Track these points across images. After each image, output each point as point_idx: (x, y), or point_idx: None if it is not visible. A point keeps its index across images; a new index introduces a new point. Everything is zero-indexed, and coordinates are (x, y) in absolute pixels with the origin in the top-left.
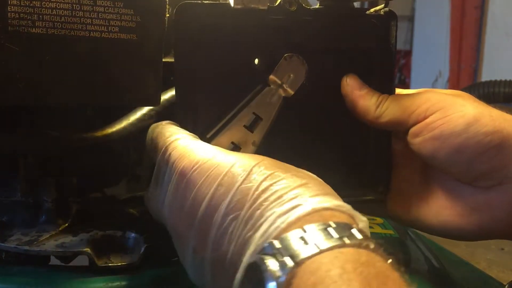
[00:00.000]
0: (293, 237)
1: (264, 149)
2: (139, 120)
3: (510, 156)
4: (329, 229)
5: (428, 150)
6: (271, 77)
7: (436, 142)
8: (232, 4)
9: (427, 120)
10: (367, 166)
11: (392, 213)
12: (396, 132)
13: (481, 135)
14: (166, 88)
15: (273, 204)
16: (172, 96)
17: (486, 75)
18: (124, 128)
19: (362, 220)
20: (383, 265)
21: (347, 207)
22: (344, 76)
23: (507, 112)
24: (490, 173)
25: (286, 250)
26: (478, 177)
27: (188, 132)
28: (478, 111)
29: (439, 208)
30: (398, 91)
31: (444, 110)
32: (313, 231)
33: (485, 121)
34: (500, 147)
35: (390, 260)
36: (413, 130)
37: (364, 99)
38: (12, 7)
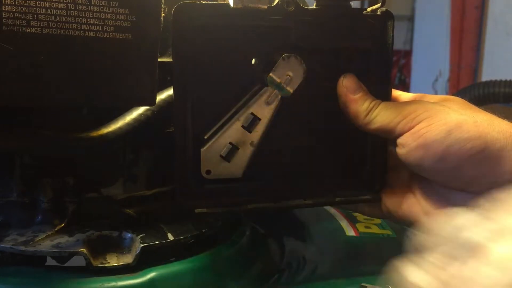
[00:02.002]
0: None
1: (262, 149)
2: (135, 120)
3: (495, 161)
4: None
5: (414, 160)
6: (269, 77)
7: (420, 151)
8: (231, 4)
9: (412, 130)
10: (364, 166)
11: (385, 209)
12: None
13: (462, 142)
14: (162, 88)
15: None
16: (169, 96)
17: (486, 75)
18: (120, 128)
19: None
20: None
21: None
22: (341, 75)
23: (500, 115)
24: (476, 179)
25: None
26: (466, 184)
27: None
28: (462, 118)
29: (430, 208)
30: (396, 93)
31: (429, 119)
32: None
33: (467, 127)
34: (484, 153)
35: None
36: (399, 141)
37: (356, 104)
38: (6, 6)
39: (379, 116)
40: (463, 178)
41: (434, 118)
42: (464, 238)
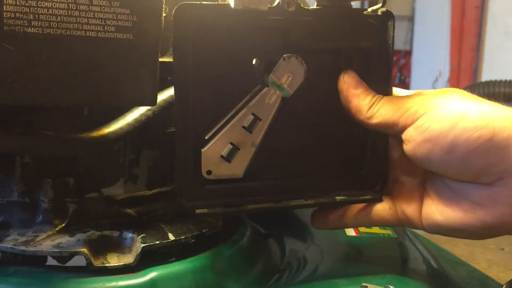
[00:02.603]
0: None
1: (263, 149)
2: (136, 120)
3: (505, 149)
4: None
5: (422, 154)
6: (270, 77)
7: (428, 144)
8: (232, 5)
9: (416, 123)
10: (364, 166)
11: (402, 216)
12: (393, 136)
13: (469, 131)
14: (163, 88)
15: None
16: (169, 96)
17: (486, 75)
18: (121, 128)
19: None
20: None
21: None
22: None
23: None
24: (487, 169)
25: None
26: (477, 174)
27: None
28: (465, 107)
29: (443, 207)
30: (395, 91)
31: (432, 111)
32: None
33: (472, 116)
34: (492, 141)
35: None
36: (404, 136)
37: (358, 98)
38: (8, 6)
39: (382, 109)
40: (473, 169)
41: (437, 110)
42: None
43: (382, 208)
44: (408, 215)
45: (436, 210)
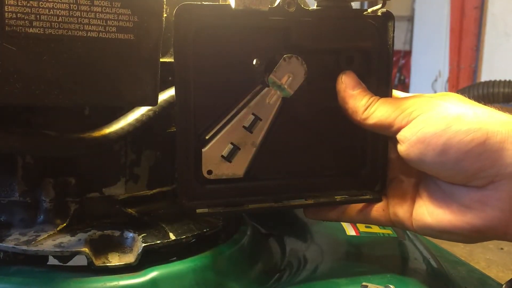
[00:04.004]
0: None
1: (264, 149)
2: (137, 120)
3: (497, 153)
4: None
5: (415, 155)
6: (270, 77)
7: (421, 145)
8: (233, 5)
9: (411, 124)
10: (364, 166)
11: (394, 217)
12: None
13: (463, 134)
14: (163, 88)
15: None
16: (170, 96)
17: (486, 75)
18: (122, 128)
19: None
20: None
21: None
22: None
23: (501, 111)
24: (479, 172)
25: None
26: (469, 177)
27: None
28: (461, 110)
29: (434, 207)
30: (394, 94)
31: (427, 113)
32: None
33: (466, 120)
34: (485, 145)
35: None
36: (399, 137)
37: (354, 99)
38: (9, 7)
39: (377, 111)
40: (466, 172)
41: (432, 112)
42: None
43: (375, 209)
44: (399, 216)
45: (426, 212)
